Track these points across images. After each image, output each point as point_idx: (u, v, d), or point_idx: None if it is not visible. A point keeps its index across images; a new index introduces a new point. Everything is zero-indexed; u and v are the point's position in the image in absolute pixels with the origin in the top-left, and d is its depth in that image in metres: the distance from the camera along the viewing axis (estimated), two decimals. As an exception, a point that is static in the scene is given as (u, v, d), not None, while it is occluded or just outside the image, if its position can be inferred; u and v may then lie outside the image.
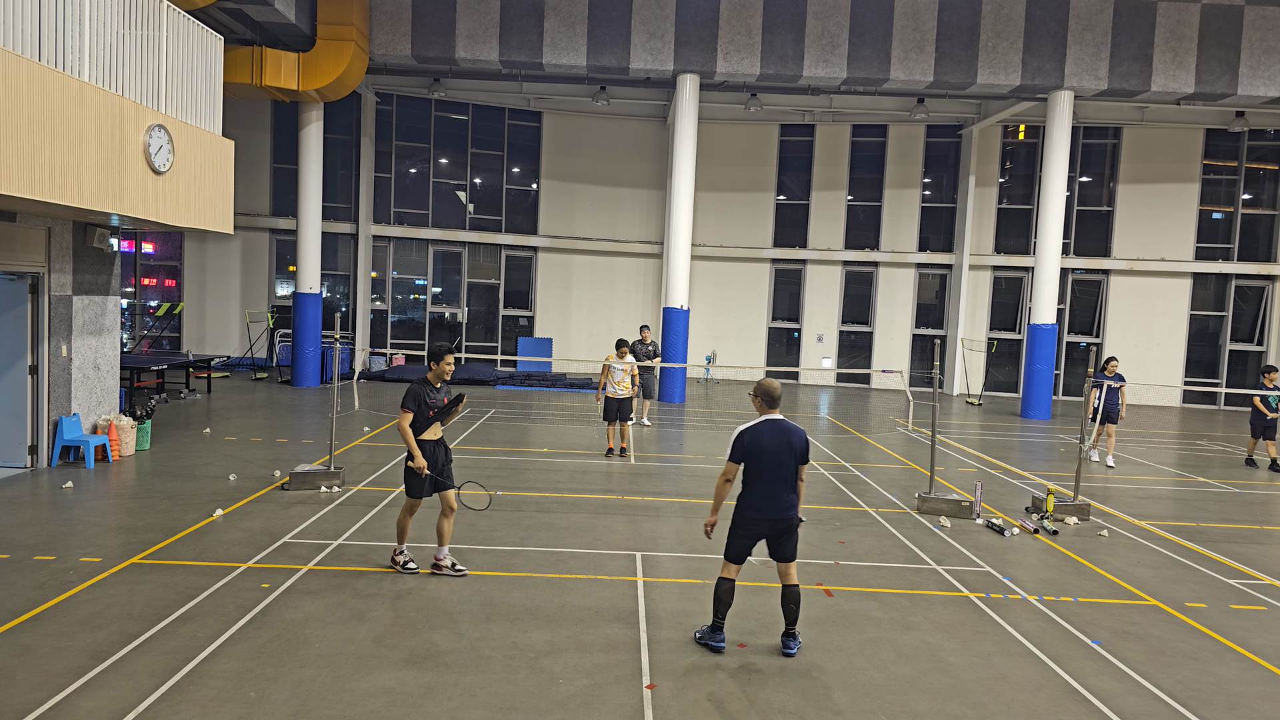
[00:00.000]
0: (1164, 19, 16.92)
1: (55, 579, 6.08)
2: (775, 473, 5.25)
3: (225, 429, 12.47)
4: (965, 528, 8.61)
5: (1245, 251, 22.02)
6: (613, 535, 7.84)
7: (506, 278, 23.09)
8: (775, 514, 5.29)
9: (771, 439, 5.26)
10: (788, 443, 5.27)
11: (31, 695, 4.44)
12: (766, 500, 5.28)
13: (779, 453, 5.25)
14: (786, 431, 5.31)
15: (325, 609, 5.75)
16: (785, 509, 5.30)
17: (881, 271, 23.05)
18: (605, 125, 22.78)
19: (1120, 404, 12.65)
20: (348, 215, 21.62)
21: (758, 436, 5.27)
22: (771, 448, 5.24)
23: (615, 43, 16.94)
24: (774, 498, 5.27)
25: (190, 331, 21.30)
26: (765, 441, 5.25)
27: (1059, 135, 17.63)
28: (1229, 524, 9.40)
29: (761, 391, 5.39)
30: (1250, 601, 6.82)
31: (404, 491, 6.56)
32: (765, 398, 5.38)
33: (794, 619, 5.39)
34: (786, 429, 5.32)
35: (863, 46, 16.99)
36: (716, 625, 5.41)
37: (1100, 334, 22.40)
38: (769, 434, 5.27)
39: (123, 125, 8.06)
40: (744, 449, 5.27)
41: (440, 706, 4.52)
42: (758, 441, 5.26)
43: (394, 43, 16.94)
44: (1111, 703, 4.92)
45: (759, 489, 5.28)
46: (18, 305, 9.31)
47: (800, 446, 5.31)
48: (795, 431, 5.33)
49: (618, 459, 11.50)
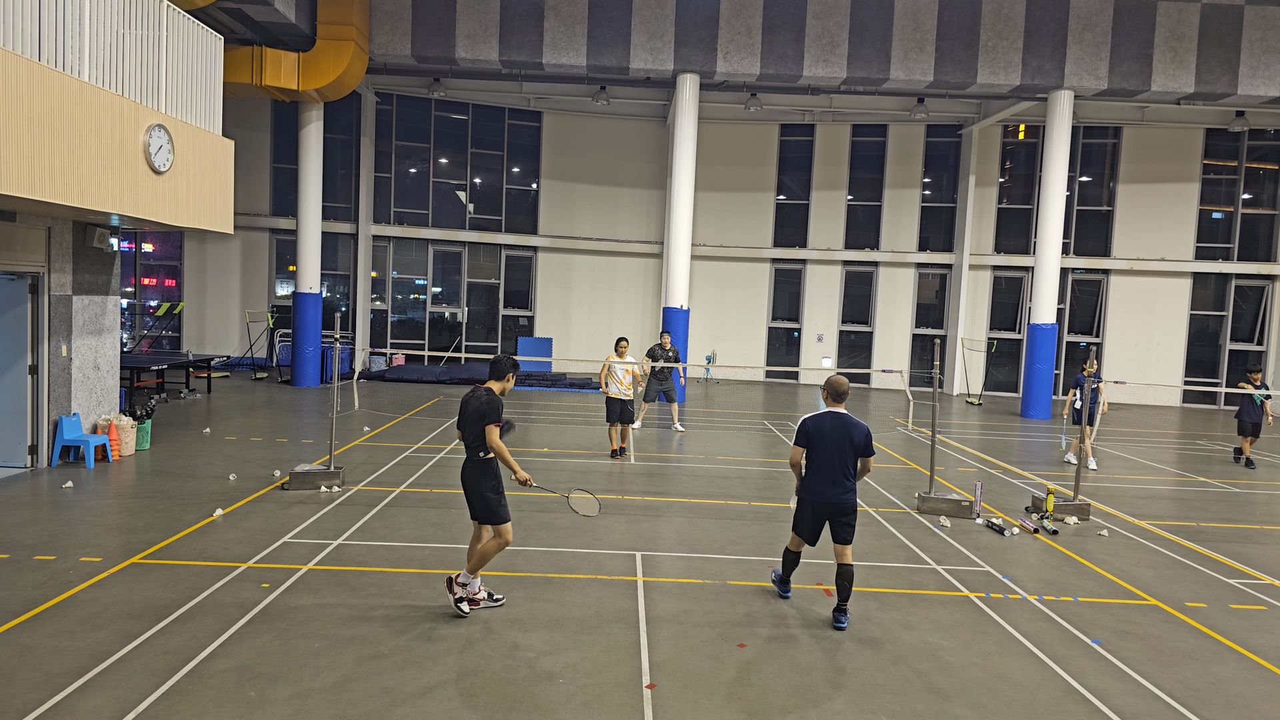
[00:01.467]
0: (1164, 19, 16.92)
1: (55, 579, 6.08)
2: (834, 460, 5.80)
3: (225, 429, 12.47)
4: (965, 527, 8.61)
5: (1245, 251, 22.02)
6: (613, 535, 7.85)
7: (506, 278, 23.09)
8: (832, 498, 5.84)
9: (832, 428, 5.83)
10: (847, 434, 5.81)
11: (31, 695, 4.44)
12: (825, 484, 5.85)
13: (839, 442, 5.80)
14: (847, 425, 5.85)
15: (325, 609, 5.75)
16: (842, 494, 5.83)
17: (881, 271, 23.05)
18: (605, 125, 22.77)
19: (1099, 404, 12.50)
20: (348, 215, 21.62)
21: (819, 424, 5.88)
22: (831, 436, 5.81)
23: (615, 43, 16.94)
24: (832, 483, 5.83)
25: (190, 331, 21.30)
26: (826, 429, 5.84)
27: (1059, 135, 17.63)
28: (1229, 524, 9.40)
29: (828, 386, 5.99)
30: (1250, 601, 6.82)
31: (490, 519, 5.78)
32: (831, 392, 5.98)
33: (846, 596, 5.84)
34: (847, 422, 5.86)
35: (863, 46, 16.99)
36: (783, 579, 6.33)
37: (1100, 334, 22.40)
38: (830, 424, 5.85)
39: (123, 125, 8.06)
40: (806, 434, 5.90)
41: (440, 706, 4.53)
42: (819, 428, 5.86)
43: (394, 43, 16.94)
44: (1111, 702, 4.92)
45: (818, 473, 5.88)
46: (18, 305, 9.31)
47: (860, 440, 5.82)
48: (856, 425, 5.86)
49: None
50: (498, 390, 5.89)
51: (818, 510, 5.91)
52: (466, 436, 5.81)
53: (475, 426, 5.73)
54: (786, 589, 6.32)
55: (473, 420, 5.74)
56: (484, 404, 5.72)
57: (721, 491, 9.82)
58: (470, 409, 5.78)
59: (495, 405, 5.73)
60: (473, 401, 5.78)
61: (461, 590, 5.75)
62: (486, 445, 5.71)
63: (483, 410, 5.71)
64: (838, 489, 5.83)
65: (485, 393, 5.79)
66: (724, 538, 7.91)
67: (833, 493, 5.84)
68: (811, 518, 5.95)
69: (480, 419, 5.70)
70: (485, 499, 5.74)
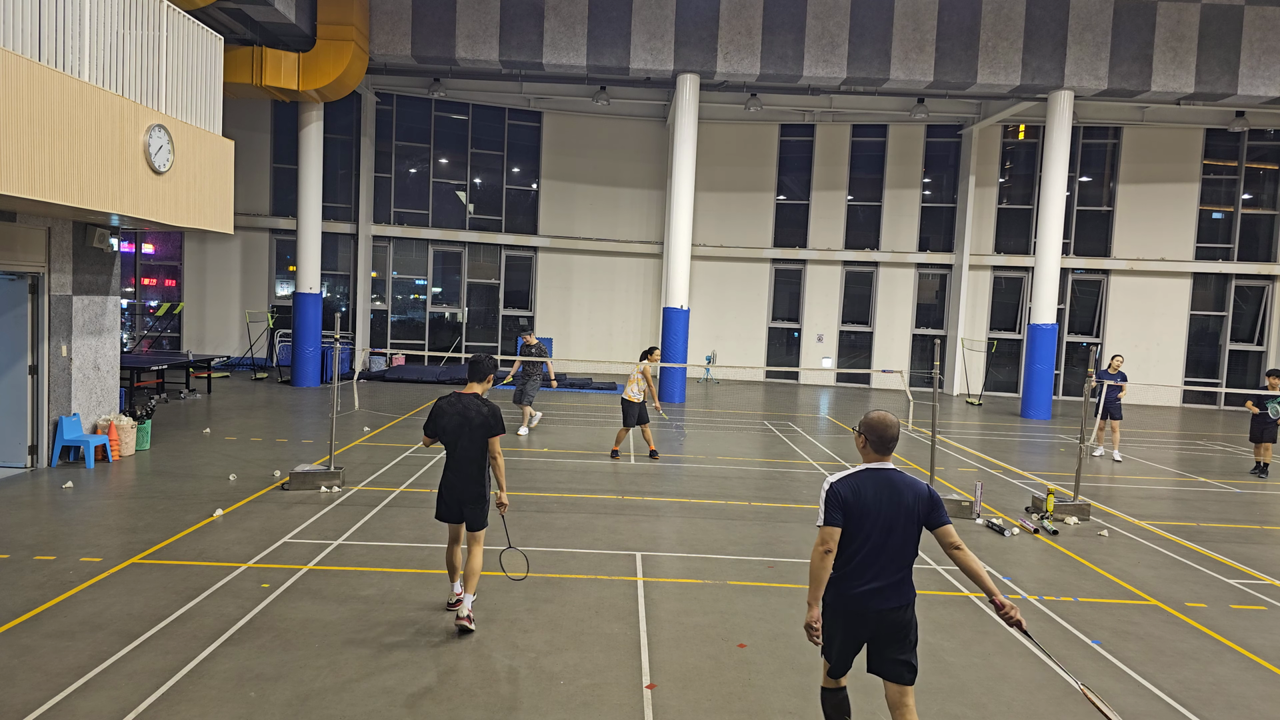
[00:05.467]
0: (1164, 19, 16.92)
1: (55, 579, 6.08)
2: (883, 544, 3.74)
3: (225, 429, 12.47)
4: (965, 528, 8.61)
5: (1245, 251, 22.02)
6: (613, 535, 7.84)
7: (506, 278, 23.09)
8: (879, 604, 3.75)
9: (876, 494, 3.76)
10: (899, 503, 3.76)
11: (31, 695, 4.44)
12: (868, 581, 3.75)
13: (889, 516, 3.75)
14: (897, 488, 3.78)
15: (325, 609, 5.74)
16: (896, 598, 3.77)
17: (881, 271, 23.05)
18: (605, 125, 22.78)
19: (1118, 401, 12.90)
20: (348, 215, 21.63)
21: (859, 490, 3.78)
22: (876, 507, 3.75)
23: (615, 43, 16.94)
24: (877, 579, 3.75)
25: (190, 331, 21.31)
26: (869, 498, 3.76)
27: (1059, 135, 17.63)
28: (1229, 524, 9.40)
29: (870, 430, 3.88)
30: (1250, 601, 6.82)
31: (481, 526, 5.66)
32: (874, 439, 3.86)
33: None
34: (897, 484, 3.80)
35: (863, 46, 16.99)
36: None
37: (1100, 334, 22.40)
38: (874, 488, 3.78)
39: (123, 125, 8.06)
40: (843, 505, 3.76)
41: (440, 706, 4.52)
42: (859, 497, 3.76)
43: (394, 43, 16.94)
44: (1111, 702, 4.92)
45: (858, 566, 3.77)
46: (18, 305, 9.31)
47: (920, 508, 3.77)
48: (912, 486, 3.81)
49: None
50: (481, 393, 5.69)
51: (858, 624, 3.82)
52: (463, 446, 5.54)
53: (479, 437, 5.53)
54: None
55: (476, 430, 5.51)
56: (488, 415, 5.52)
57: (721, 491, 9.82)
58: (470, 418, 5.50)
59: (499, 415, 5.59)
60: (472, 412, 5.51)
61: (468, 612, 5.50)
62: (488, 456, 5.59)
63: (489, 422, 5.52)
64: (889, 590, 3.75)
65: (485, 403, 5.60)
66: (724, 538, 7.91)
67: (882, 596, 3.75)
68: (848, 636, 3.86)
69: (486, 430, 5.52)
70: (483, 507, 5.66)
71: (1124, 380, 12.93)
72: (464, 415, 5.53)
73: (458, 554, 5.82)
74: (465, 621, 5.42)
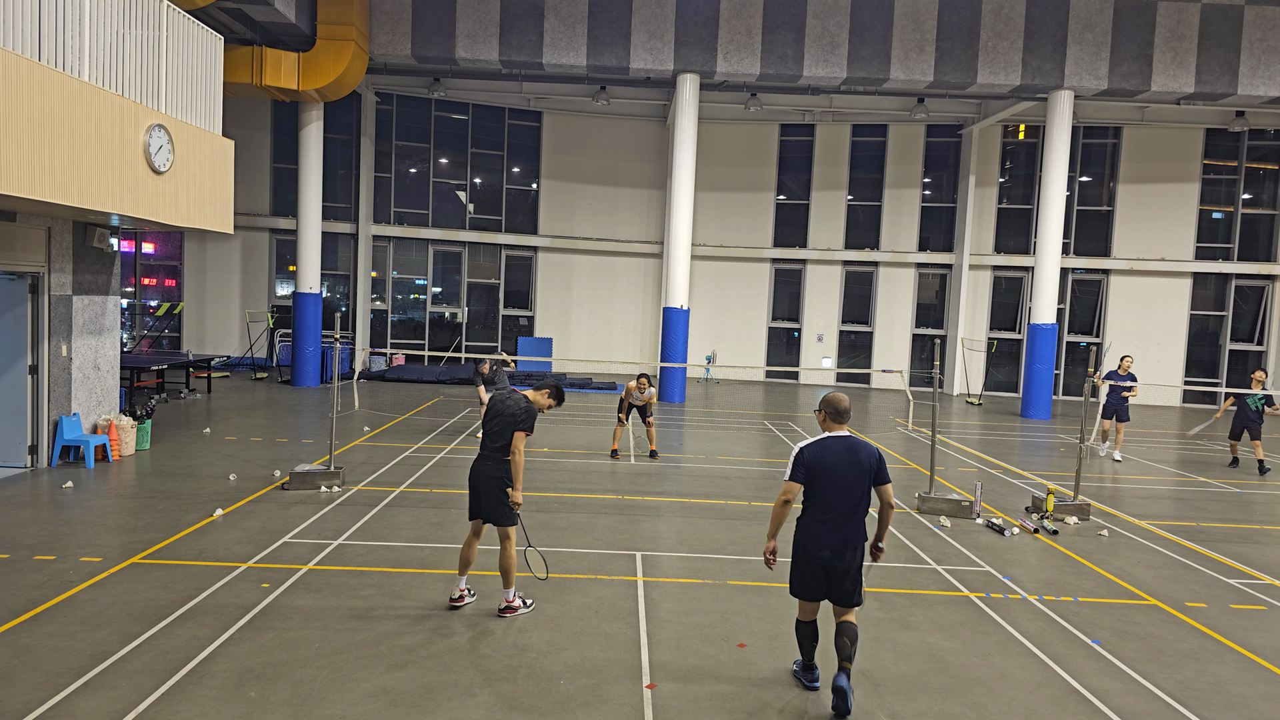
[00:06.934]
0: (1164, 19, 16.92)
1: (55, 579, 6.08)
2: (841, 497, 4.67)
3: (225, 429, 12.47)
4: (965, 527, 8.61)
5: (1245, 251, 22.02)
6: (613, 535, 7.84)
7: (506, 278, 23.09)
8: (834, 543, 4.69)
9: (836, 457, 4.68)
10: (855, 461, 4.68)
11: (31, 695, 4.44)
12: (831, 527, 4.69)
13: (845, 474, 4.66)
14: (853, 449, 4.71)
15: (325, 609, 5.74)
16: (853, 538, 4.71)
17: (881, 271, 23.05)
18: (605, 125, 22.78)
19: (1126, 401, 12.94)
20: (348, 215, 21.63)
21: (820, 452, 4.70)
22: (837, 465, 4.67)
23: (615, 43, 16.94)
24: (839, 525, 4.69)
25: (190, 331, 21.31)
26: (829, 460, 4.68)
27: (1059, 135, 17.63)
28: (1229, 524, 9.40)
29: (826, 405, 4.82)
30: (1250, 601, 6.82)
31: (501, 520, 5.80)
32: (830, 411, 4.81)
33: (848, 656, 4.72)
34: (853, 445, 4.73)
35: (863, 46, 16.99)
36: (806, 665, 4.96)
37: (1100, 334, 22.40)
38: (834, 450, 4.71)
39: (123, 125, 8.06)
40: (804, 466, 4.70)
41: (440, 706, 4.52)
42: (820, 458, 4.69)
43: (394, 43, 16.94)
44: (1111, 702, 4.92)
45: (821, 515, 4.71)
46: (18, 305, 9.31)
47: (870, 464, 4.70)
48: (864, 448, 4.74)
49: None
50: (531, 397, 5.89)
51: (826, 561, 4.71)
52: (491, 435, 5.78)
53: (506, 428, 5.72)
54: (814, 677, 4.94)
55: (506, 421, 5.72)
56: (522, 409, 5.73)
57: (721, 491, 9.82)
58: (506, 410, 5.74)
59: (532, 414, 5.75)
60: (509, 403, 5.76)
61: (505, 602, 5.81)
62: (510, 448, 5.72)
63: (518, 416, 5.70)
64: (847, 531, 4.69)
65: (524, 399, 5.81)
66: (724, 538, 7.91)
67: (842, 536, 4.69)
68: (822, 572, 4.74)
69: (514, 423, 5.70)
70: (501, 498, 5.74)
71: (1134, 381, 12.88)
72: (503, 405, 5.80)
73: (473, 549, 5.92)
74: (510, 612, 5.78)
